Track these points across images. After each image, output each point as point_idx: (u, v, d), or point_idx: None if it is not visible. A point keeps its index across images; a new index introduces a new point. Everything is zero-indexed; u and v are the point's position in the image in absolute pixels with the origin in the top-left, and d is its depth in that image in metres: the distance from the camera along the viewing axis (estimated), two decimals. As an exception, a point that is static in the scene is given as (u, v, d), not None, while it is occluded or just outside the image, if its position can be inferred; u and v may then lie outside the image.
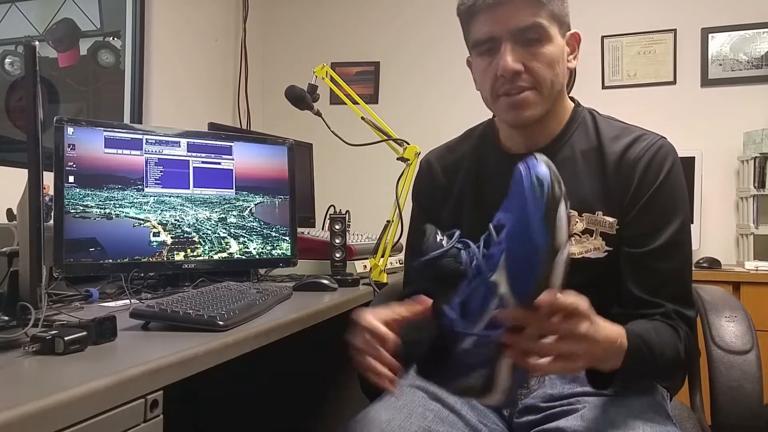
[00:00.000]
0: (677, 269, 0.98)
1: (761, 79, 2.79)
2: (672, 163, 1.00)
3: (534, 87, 0.98)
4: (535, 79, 0.98)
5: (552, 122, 1.06)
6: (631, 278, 0.97)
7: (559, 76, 1.01)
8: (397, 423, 0.89)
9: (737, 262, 2.70)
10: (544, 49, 0.98)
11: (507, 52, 0.96)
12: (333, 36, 3.39)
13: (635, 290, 0.97)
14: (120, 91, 2.58)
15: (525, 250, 0.71)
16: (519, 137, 1.07)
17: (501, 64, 0.97)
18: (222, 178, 1.54)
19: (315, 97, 1.82)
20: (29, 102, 0.91)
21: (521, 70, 0.97)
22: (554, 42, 0.99)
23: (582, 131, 1.06)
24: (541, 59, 0.97)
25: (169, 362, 0.79)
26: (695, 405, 1.16)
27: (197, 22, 2.98)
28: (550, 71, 0.99)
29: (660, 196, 0.98)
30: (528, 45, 0.97)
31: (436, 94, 3.18)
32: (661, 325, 0.93)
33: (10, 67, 2.06)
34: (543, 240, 0.69)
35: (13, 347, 0.81)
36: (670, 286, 0.96)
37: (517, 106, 0.99)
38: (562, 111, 1.07)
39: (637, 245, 0.98)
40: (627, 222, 0.99)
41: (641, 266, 0.97)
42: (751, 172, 2.58)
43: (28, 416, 0.58)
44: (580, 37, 1.06)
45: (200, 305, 1.04)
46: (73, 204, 1.30)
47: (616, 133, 1.04)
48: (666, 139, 1.03)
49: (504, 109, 1.02)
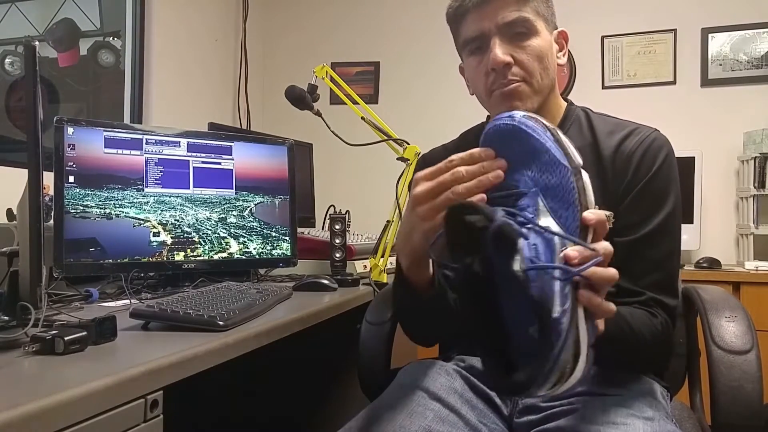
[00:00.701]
0: (664, 257, 0.98)
1: (761, 79, 2.79)
2: (666, 155, 1.01)
3: (524, 79, 1.00)
4: (524, 71, 1.00)
5: (546, 120, 1.06)
6: (617, 267, 0.97)
7: (549, 69, 1.02)
8: (397, 423, 0.89)
9: (737, 262, 2.70)
10: (531, 42, 1.00)
11: (496, 45, 0.99)
12: (333, 36, 3.39)
13: (619, 279, 0.96)
14: (120, 91, 2.58)
15: (555, 181, 0.71)
16: None
17: (491, 58, 0.99)
18: (222, 178, 1.54)
19: (315, 97, 1.82)
20: (29, 102, 0.91)
21: (511, 63, 0.99)
22: (541, 35, 1.01)
23: (576, 129, 1.07)
24: (530, 51, 1.00)
25: (169, 362, 0.79)
26: (695, 405, 1.16)
27: (197, 22, 2.98)
28: (539, 64, 1.00)
29: (652, 185, 0.99)
30: (516, 39, 0.99)
31: (436, 93, 3.18)
32: (635, 310, 0.94)
33: (10, 67, 2.06)
34: (565, 162, 0.70)
35: (13, 347, 0.81)
36: (654, 273, 0.97)
37: (509, 96, 1.01)
38: (555, 109, 1.09)
39: (626, 234, 0.98)
40: (620, 211, 0.99)
41: (628, 253, 0.96)
42: (751, 172, 2.58)
43: (28, 416, 0.58)
44: (567, 35, 1.08)
45: (200, 305, 1.04)
46: (73, 204, 1.30)
47: (610, 129, 1.05)
48: (659, 131, 1.04)
49: (498, 102, 1.03)
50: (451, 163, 0.79)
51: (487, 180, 0.76)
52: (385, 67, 3.32)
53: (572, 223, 0.69)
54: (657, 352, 0.99)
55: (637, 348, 0.92)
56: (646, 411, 0.90)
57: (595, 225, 0.70)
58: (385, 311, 1.21)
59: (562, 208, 0.70)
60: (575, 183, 0.70)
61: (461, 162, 0.78)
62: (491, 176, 0.75)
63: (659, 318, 0.96)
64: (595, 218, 0.70)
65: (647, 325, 0.93)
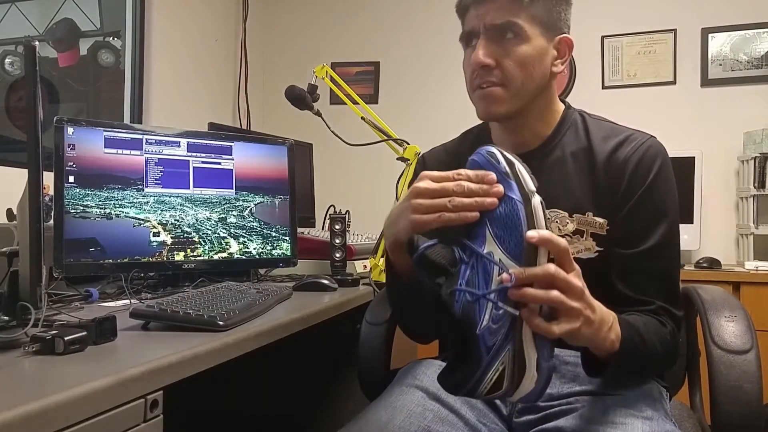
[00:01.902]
0: (667, 268, 0.99)
1: (761, 79, 2.79)
2: (661, 163, 1.00)
3: (502, 83, 1.00)
4: (504, 75, 0.99)
5: (540, 124, 1.07)
6: (621, 278, 0.98)
7: (533, 77, 1.01)
8: (396, 423, 0.89)
9: (737, 262, 2.70)
10: (517, 48, 0.99)
11: (480, 46, 0.99)
12: (333, 36, 3.39)
13: (625, 290, 0.98)
14: (120, 91, 2.58)
15: (503, 210, 0.77)
16: (508, 138, 1.08)
17: (473, 57, 1.00)
18: (222, 178, 1.55)
19: (315, 97, 1.82)
20: (29, 102, 0.91)
21: (491, 65, 0.99)
22: (531, 43, 0.99)
23: (572, 133, 1.07)
24: (513, 57, 0.99)
25: (169, 362, 0.79)
26: (695, 405, 1.16)
27: (197, 22, 2.98)
28: (521, 71, 0.99)
29: (650, 196, 0.99)
30: (501, 42, 0.99)
31: (436, 93, 3.18)
32: (649, 319, 0.94)
33: (10, 67, 2.06)
34: (515, 194, 0.76)
35: (13, 347, 0.81)
36: (659, 284, 0.98)
37: (484, 98, 1.02)
38: (550, 113, 1.07)
39: (628, 246, 0.98)
40: (617, 223, 0.99)
41: (631, 266, 0.98)
42: (751, 172, 2.58)
43: (28, 416, 0.58)
44: (572, 43, 1.05)
45: (200, 305, 1.04)
46: (73, 204, 1.30)
47: (605, 134, 1.04)
48: (655, 139, 1.03)
49: (476, 101, 1.04)
50: (459, 176, 0.82)
51: (483, 203, 0.79)
52: (385, 67, 3.32)
53: (514, 248, 0.75)
54: (666, 362, 0.99)
55: (649, 360, 0.92)
56: (645, 411, 0.90)
57: (540, 243, 0.74)
58: (385, 311, 1.21)
59: (506, 234, 0.76)
60: (522, 210, 0.76)
61: (467, 178, 0.81)
62: (487, 202, 0.78)
63: (668, 327, 0.96)
64: (537, 237, 0.74)
65: (659, 335, 0.93)
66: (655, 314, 0.96)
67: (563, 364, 1.00)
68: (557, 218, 1.02)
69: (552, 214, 1.01)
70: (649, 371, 0.99)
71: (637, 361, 0.89)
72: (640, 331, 0.89)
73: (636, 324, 0.90)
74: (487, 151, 0.82)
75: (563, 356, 1.00)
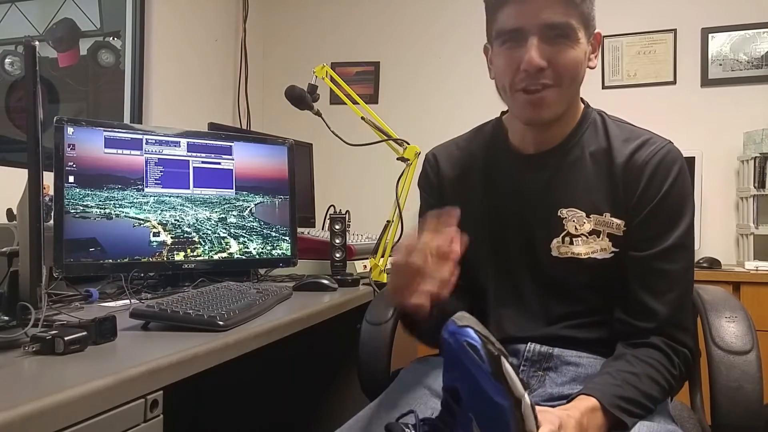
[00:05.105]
0: (682, 271, 0.99)
1: (761, 79, 2.79)
2: (679, 169, 0.99)
3: (555, 84, 0.96)
4: (557, 76, 0.96)
5: (564, 122, 1.05)
6: (637, 280, 0.98)
7: (579, 76, 1.00)
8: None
9: (737, 262, 2.70)
10: (570, 50, 0.96)
11: (533, 46, 0.94)
12: (333, 36, 3.39)
13: (640, 293, 0.97)
14: (120, 91, 2.58)
15: (492, 414, 0.72)
16: (530, 136, 1.06)
17: (526, 59, 0.94)
18: (222, 178, 1.54)
19: (315, 97, 1.81)
20: (29, 102, 0.91)
21: (545, 67, 0.95)
22: (580, 44, 0.97)
23: (592, 132, 1.05)
24: (567, 58, 0.96)
25: (169, 362, 0.79)
26: (695, 405, 1.16)
27: (197, 23, 2.98)
28: (573, 71, 0.97)
29: (667, 201, 0.98)
30: (555, 43, 0.95)
31: (436, 93, 3.18)
32: (643, 368, 0.93)
33: (10, 67, 2.06)
34: (504, 400, 0.70)
35: (13, 347, 0.81)
36: (673, 287, 0.97)
37: (535, 104, 0.98)
38: (573, 111, 1.06)
39: (644, 248, 0.98)
40: (634, 226, 0.99)
41: (647, 268, 0.98)
42: (751, 172, 2.58)
43: (28, 416, 0.58)
44: (601, 37, 1.05)
45: (200, 305, 1.04)
46: (73, 204, 1.30)
47: (625, 136, 1.03)
48: (673, 144, 1.03)
49: (521, 105, 1.00)
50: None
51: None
52: (385, 67, 3.32)
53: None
54: (676, 387, 0.98)
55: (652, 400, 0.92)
56: (646, 411, 0.90)
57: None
58: (385, 311, 1.21)
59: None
60: (513, 415, 0.71)
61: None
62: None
63: (680, 355, 0.96)
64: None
65: (663, 378, 0.93)
66: (666, 337, 0.95)
67: (563, 364, 1.00)
68: (574, 218, 1.01)
69: (569, 213, 1.01)
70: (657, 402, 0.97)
71: (646, 410, 0.90)
72: (638, 399, 0.89)
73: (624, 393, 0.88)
74: (465, 341, 0.72)
75: (563, 356, 1.00)
